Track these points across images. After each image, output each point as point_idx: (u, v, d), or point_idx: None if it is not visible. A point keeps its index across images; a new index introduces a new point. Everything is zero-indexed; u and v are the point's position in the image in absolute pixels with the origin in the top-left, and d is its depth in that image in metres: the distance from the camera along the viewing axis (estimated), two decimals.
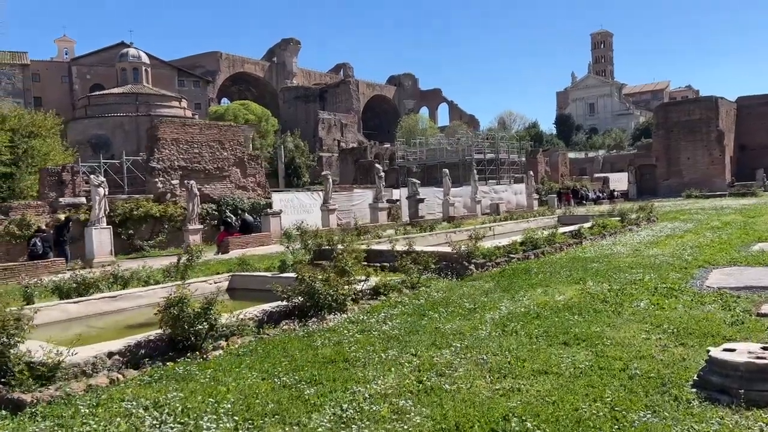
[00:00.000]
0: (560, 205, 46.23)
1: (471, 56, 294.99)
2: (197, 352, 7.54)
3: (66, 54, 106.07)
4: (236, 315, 8.39)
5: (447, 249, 13.34)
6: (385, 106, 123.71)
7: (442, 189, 36.68)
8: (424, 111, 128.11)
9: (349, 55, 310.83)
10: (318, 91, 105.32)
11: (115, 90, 74.81)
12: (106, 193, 21.12)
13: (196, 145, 25.51)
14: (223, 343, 7.83)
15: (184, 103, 77.37)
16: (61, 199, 23.03)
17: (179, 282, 13.47)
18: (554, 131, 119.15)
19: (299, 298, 9.12)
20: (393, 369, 6.28)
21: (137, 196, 24.56)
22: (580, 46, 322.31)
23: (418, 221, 30.97)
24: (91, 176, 21.31)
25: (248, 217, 23.15)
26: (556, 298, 9.50)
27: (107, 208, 21.13)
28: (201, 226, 23.40)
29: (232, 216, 22.80)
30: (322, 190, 29.49)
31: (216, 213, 25.19)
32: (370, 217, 31.76)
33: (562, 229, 17.76)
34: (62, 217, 21.30)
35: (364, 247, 14.92)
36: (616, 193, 51.08)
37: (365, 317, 8.89)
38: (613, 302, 9.07)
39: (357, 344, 7.35)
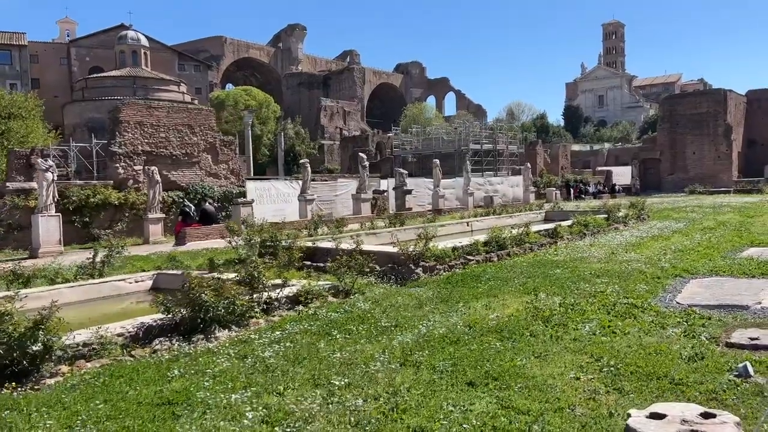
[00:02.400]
0: (569, 198, 44.70)
1: (480, 46, 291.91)
2: (31, 379, 6.15)
3: (68, 35, 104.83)
4: (98, 331, 6.98)
5: (394, 249, 11.86)
6: (391, 94, 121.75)
7: (432, 180, 35.17)
8: (432, 100, 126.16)
9: (356, 42, 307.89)
10: (322, 77, 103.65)
11: (113, 73, 73.59)
12: (55, 178, 19.77)
13: (162, 129, 24.08)
14: (64, 368, 6.41)
15: (183, 88, 76.07)
16: (8, 184, 21.71)
17: (96, 281, 12.15)
18: (562, 123, 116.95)
19: (184, 310, 7.70)
20: (230, 420, 4.84)
21: (95, 182, 23.18)
22: (591, 37, 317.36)
23: (403, 213, 29.51)
24: (38, 160, 19.94)
25: (209, 206, 21.73)
26: (490, 316, 8.02)
27: (56, 194, 19.78)
28: (162, 215, 22.05)
29: (190, 205, 21.41)
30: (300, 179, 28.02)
31: (183, 202, 23.79)
32: (353, 209, 30.32)
33: (536, 228, 16.24)
34: None
35: (309, 244, 13.50)
36: (618, 187, 49.29)
37: (258, 336, 7.45)
38: (557, 323, 7.58)
39: (217, 377, 5.91)
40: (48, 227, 19.49)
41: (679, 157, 51.70)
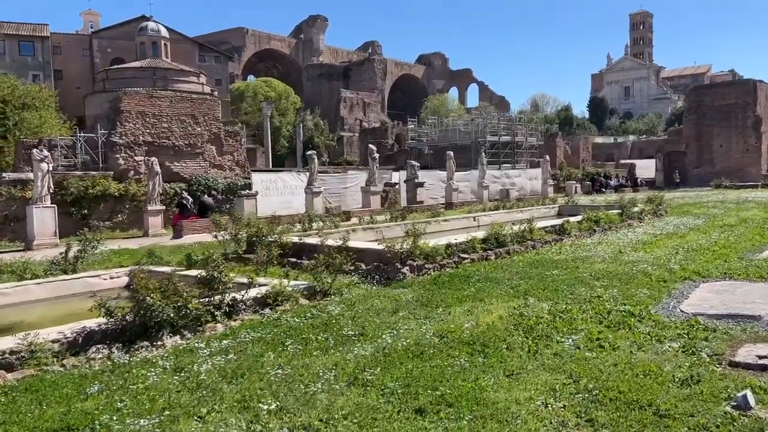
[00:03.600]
0: (591, 192, 43.41)
1: (504, 36, 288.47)
2: None
3: (91, 27, 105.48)
4: (26, 337, 6.33)
5: (381, 247, 11.08)
6: (413, 85, 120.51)
7: (446, 172, 34.23)
8: (454, 92, 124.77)
9: (378, 33, 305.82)
10: (342, 68, 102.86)
11: (134, 64, 73.80)
12: (50, 169, 19.32)
13: (164, 119, 23.54)
14: None
15: (202, 79, 75.97)
16: (5, 175, 21.35)
17: (68, 277, 11.57)
18: (587, 115, 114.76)
19: (130, 315, 7.02)
20: None
21: (94, 173, 22.74)
22: (618, 27, 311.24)
23: (411, 207, 28.70)
24: (34, 150, 19.50)
25: (207, 198, 21.14)
26: (466, 324, 7.20)
27: (51, 185, 19.34)
28: (162, 207, 21.52)
29: (188, 197, 20.84)
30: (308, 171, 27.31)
31: (181, 194, 23.26)
32: (362, 202, 29.55)
33: (542, 224, 15.34)
34: None
35: (295, 239, 12.79)
36: (640, 180, 47.75)
37: (206, 345, 6.74)
38: (539, 333, 6.76)
39: (137, 396, 5.22)
40: (43, 219, 19.08)
41: (705, 149, 49.93)
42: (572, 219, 16.27)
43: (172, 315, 7.08)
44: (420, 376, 5.45)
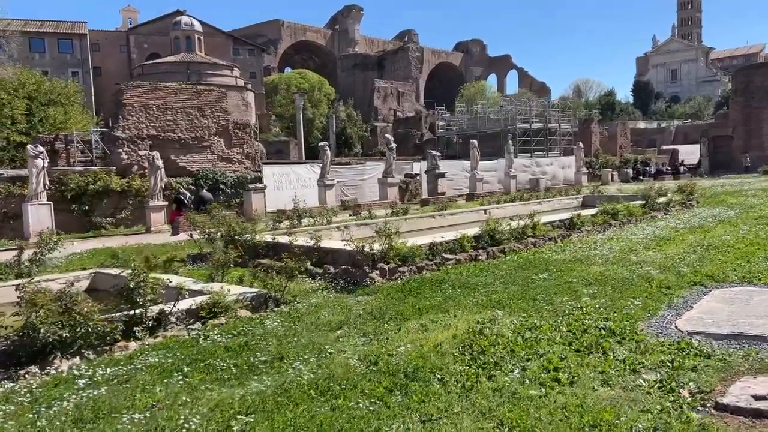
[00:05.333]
0: (629, 179, 41.28)
1: (545, 20, 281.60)
2: None
3: (130, 23, 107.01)
4: None
5: (352, 248, 9.95)
6: (450, 74, 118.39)
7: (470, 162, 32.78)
8: (493, 79, 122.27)
9: (415, 22, 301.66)
10: (376, 58, 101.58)
11: (168, 59, 74.14)
12: (45, 165, 18.81)
13: (170, 112, 22.83)
14: None
15: (236, 72, 75.79)
16: (3, 171, 20.97)
17: (24, 282, 10.80)
18: (631, 100, 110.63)
19: (15, 335, 6.09)
20: None
21: (95, 168, 22.21)
22: (664, 8, 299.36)
23: (430, 199, 27.48)
24: (28, 146, 19.02)
25: (206, 193, 20.32)
26: (399, 348, 6.02)
27: (47, 181, 18.84)
28: (165, 203, 20.84)
29: (185, 192, 20.05)
30: (321, 163, 26.32)
31: (193, 188, 22.55)
32: (379, 194, 28.42)
33: (550, 218, 13.95)
34: None
35: (268, 238, 11.77)
36: (682, 168, 45.17)
37: (92, 372, 5.74)
38: (489, 360, 5.55)
39: None
40: (38, 216, 18.61)
41: (754, 134, 46.93)
42: (585, 212, 14.83)
43: (65, 335, 6.12)
44: (305, 426, 4.32)
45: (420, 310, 7.51)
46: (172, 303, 7.52)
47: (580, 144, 39.52)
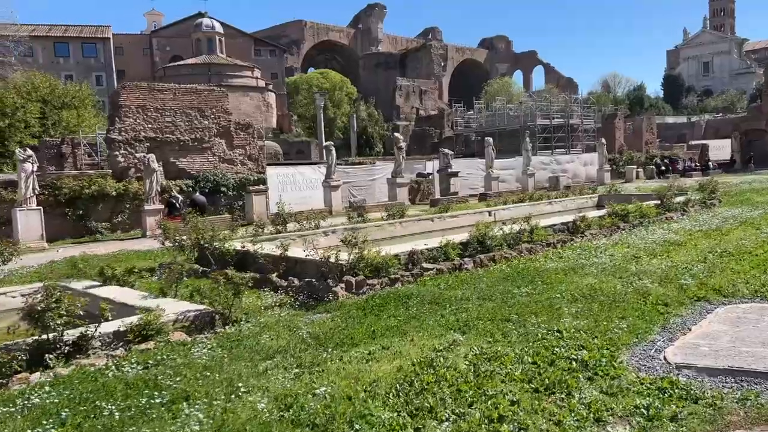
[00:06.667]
0: (655, 176, 39.62)
1: (571, 15, 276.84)
2: None
3: (155, 26, 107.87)
4: None
5: (317, 258, 9.03)
6: (476, 71, 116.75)
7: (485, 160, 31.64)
8: (518, 75, 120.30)
9: (438, 19, 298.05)
10: (399, 56, 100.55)
11: (189, 61, 74.44)
12: (35, 169, 18.27)
13: (168, 113, 22.17)
14: None
15: (257, 73, 75.63)
16: None
17: None
18: (661, 94, 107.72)
19: None
20: None
21: (90, 172, 21.65)
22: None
23: (439, 199, 26.43)
24: (17, 150, 18.50)
25: (198, 196, 19.57)
26: (321, 390, 5.07)
27: (36, 186, 18.30)
28: (161, 207, 20.19)
29: (177, 196, 19.35)
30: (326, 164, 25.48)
31: (192, 190, 21.88)
32: (388, 194, 27.46)
33: (553, 221, 12.86)
34: None
35: (238, 246, 10.92)
36: (712, 163, 43.25)
37: None
38: (422, 404, 4.58)
39: None
40: (27, 222, 18.10)
41: None
42: (592, 214, 13.68)
43: None
44: None
45: (374, 333, 6.56)
46: (95, 325, 6.69)
47: (603, 140, 38.00)
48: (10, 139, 33.67)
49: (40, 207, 18.36)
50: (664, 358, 5.37)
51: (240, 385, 5.15)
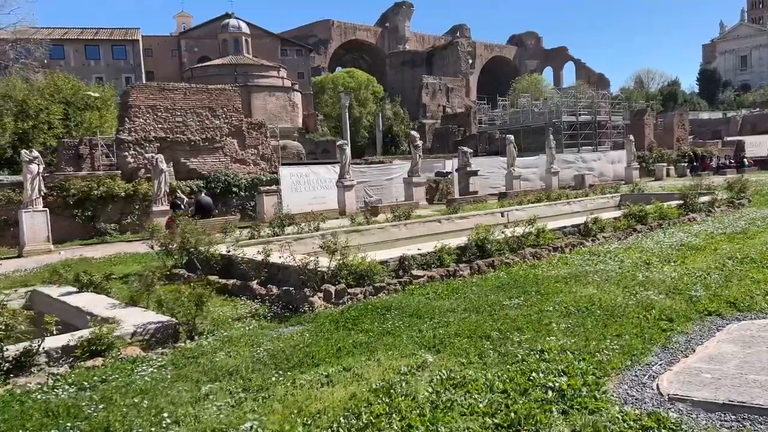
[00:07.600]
0: (687, 174, 38.19)
1: (603, 10, 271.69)
2: None
3: (184, 28, 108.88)
4: None
5: (295, 264, 8.44)
6: (505, 68, 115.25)
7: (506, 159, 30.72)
8: (549, 72, 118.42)
9: (467, 16, 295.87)
10: (425, 54, 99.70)
11: (216, 61, 74.77)
12: (40, 170, 18.06)
13: (178, 113, 21.87)
14: None
15: (282, 73, 75.60)
16: (2, 178, 20.42)
17: None
18: (696, 89, 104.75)
19: None
20: None
21: (100, 173, 21.46)
22: None
23: (457, 199, 25.68)
24: (23, 151, 18.31)
25: (204, 197, 19.15)
26: (253, 425, 4.47)
27: (42, 187, 18.10)
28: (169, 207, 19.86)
29: (183, 197, 18.95)
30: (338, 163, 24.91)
31: (204, 191, 21.51)
32: (405, 194, 26.80)
33: (557, 224, 12.04)
34: None
35: (223, 251, 10.40)
36: (747, 160, 41.53)
37: None
38: None
39: None
40: (34, 223, 17.91)
41: None
42: (605, 216, 12.83)
43: None
44: None
45: (340, 351, 5.93)
46: (39, 340, 6.20)
47: (631, 137, 36.71)
48: (34, 140, 33.90)
49: (47, 209, 18.16)
50: (657, 388, 4.63)
51: (166, 415, 4.57)
